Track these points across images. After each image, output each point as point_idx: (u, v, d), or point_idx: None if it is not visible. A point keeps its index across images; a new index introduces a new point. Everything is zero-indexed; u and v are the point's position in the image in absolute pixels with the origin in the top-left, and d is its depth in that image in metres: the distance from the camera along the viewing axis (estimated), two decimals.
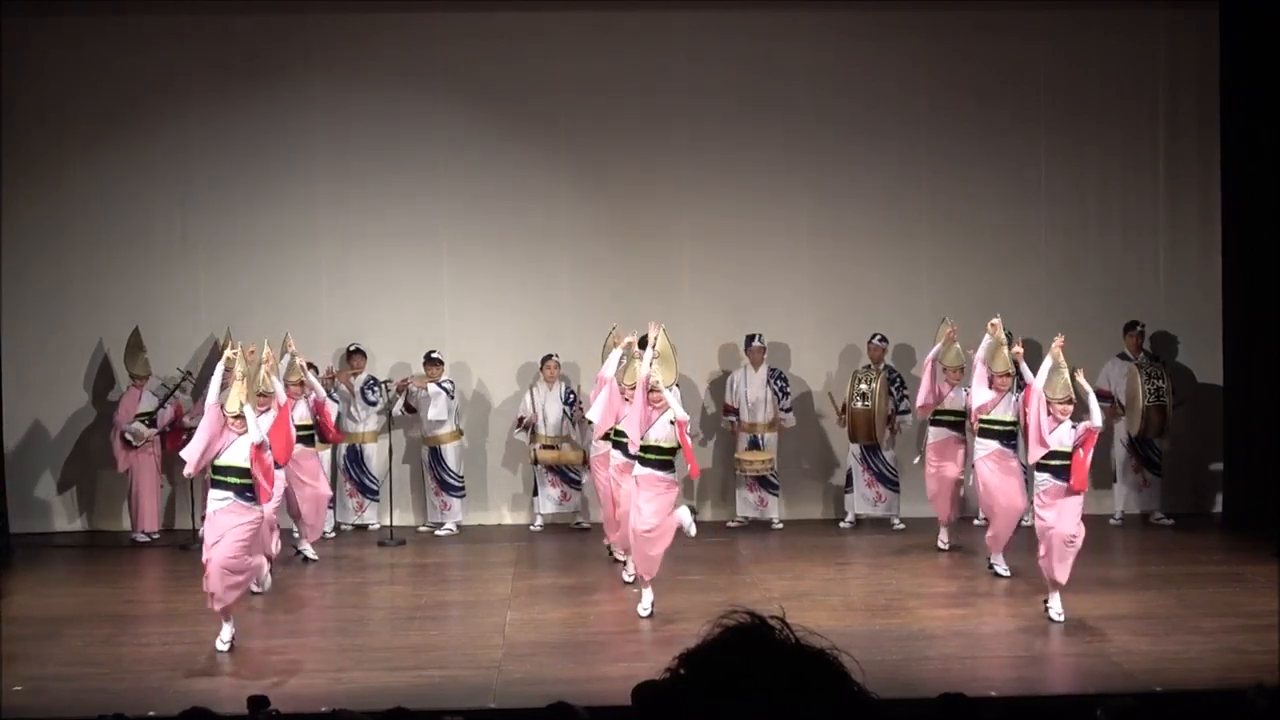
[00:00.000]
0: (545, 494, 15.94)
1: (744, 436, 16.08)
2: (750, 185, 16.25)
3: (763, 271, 16.39)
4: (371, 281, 16.21)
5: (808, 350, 16.54)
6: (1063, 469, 11.62)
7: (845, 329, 16.33)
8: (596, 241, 16.30)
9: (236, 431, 11.08)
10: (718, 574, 13.70)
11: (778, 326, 16.40)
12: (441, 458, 15.90)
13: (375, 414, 15.92)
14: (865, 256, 16.44)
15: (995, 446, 13.08)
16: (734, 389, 16.14)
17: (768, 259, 16.39)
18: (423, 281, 16.24)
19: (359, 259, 16.17)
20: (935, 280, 16.29)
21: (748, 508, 16.09)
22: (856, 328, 16.16)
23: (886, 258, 16.39)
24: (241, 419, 11.05)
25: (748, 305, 16.38)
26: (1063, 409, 11.64)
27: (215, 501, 11.16)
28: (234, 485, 11.10)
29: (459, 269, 16.31)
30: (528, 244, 16.27)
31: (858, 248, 16.43)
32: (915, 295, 16.32)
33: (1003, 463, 13.08)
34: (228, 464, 11.11)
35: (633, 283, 16.19)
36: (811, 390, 16.62)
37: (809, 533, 15.57)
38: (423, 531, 15.95)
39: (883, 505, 15.92)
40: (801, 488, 16.50)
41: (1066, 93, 16.11)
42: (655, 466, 11.84)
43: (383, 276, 16.20)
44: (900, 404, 15.86)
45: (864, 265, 16.46)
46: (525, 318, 16.30)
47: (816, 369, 16.54)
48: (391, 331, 16.18)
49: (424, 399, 15.67)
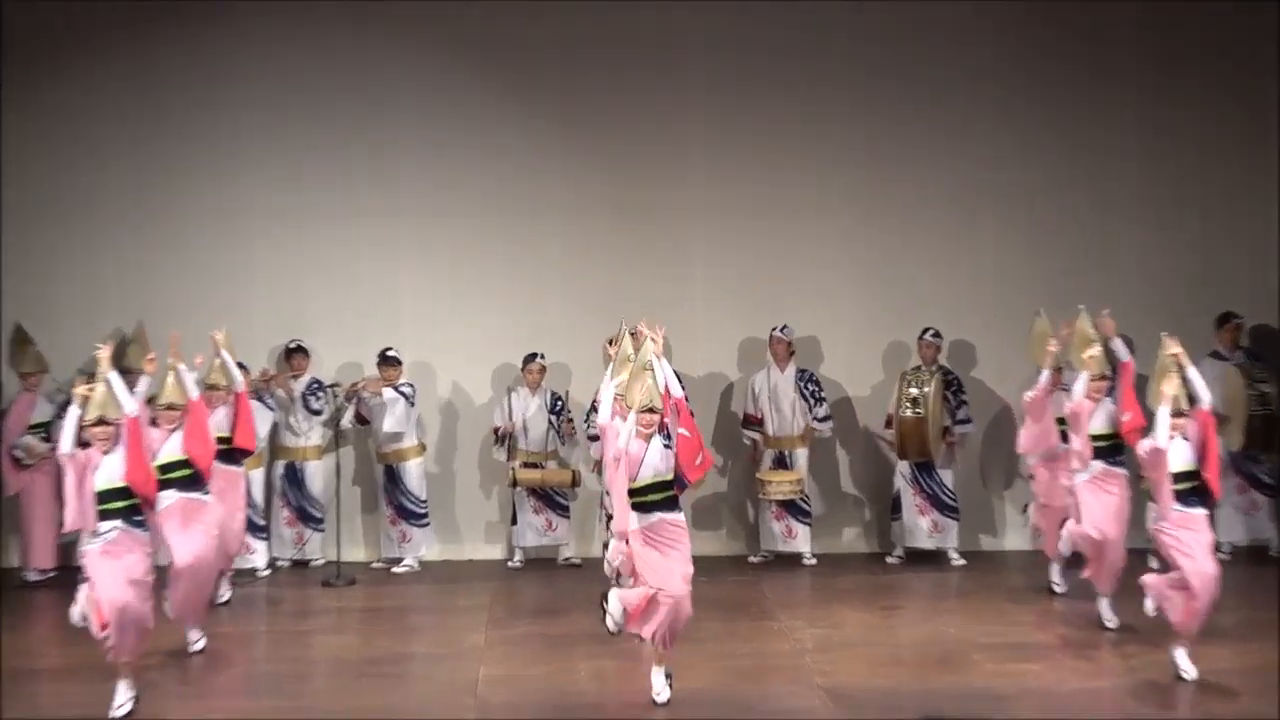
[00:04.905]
0: (526, 523, 15.91)
1: (769, 453, 16.05)
2: (777, 149, 16.26)
3: (791, 252, 16.41)
4: (316, 265, 16.19)
5: (845, 347, 16.49)
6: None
7: (891, 322, 16.35)
8: (592, 218, 16.35)
9: (100, 445, 11.13)
10: (738, 621, 13.67)
11: (809, 318, 16.35)
12: (400, 478, 15.86)
13: (320, 425, 15.96)
14: (917, 236, 16.43)
15: (1098, 467, 13.13)
16: (756, 394, 16.05)
17: (797, 237, 16.42)
18: (378, 265, 16.27)
19: (300, 238, 16.17)
20: (1002, 265, 16.36)
21: (773, 540, 16.02)
22: (905, 321, 16.18)
23: (943, 236, 16.38)
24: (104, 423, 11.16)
25: (772, 293, 16.37)
26: None
27: (96, 539, 11.16)
28: (119, 510, 11.16)
29: (422, 250, 16.32)
30: (508, 221, 16.30)
31: (908, 225, 16.43)
32: (977, 283, 16.36)
33: (1106, 485, 13.13)
34: (105, 488, 11.13)
35: (635, 267, 16.28)
36: (850, 395, 16.55)
37: (848, 570, 15.64)
38: (377, 568, 15.95)
39: (938, 536, 15.84)
40: (839, 515, 16.49)
41: (1159, 57, 16.31)
42: (666, 507, 11.38)
43: (330, 259, 16.20)
44: (958, 411, 15.79)
45: (915, 246, 16.42)
46: (504, 309, 16.33)
47: (856, 370, 16.51)
48: (340, 325, 16.23)
49: (378, 407, 15.64)
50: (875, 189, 16.44)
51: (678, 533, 11.36)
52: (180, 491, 12.43)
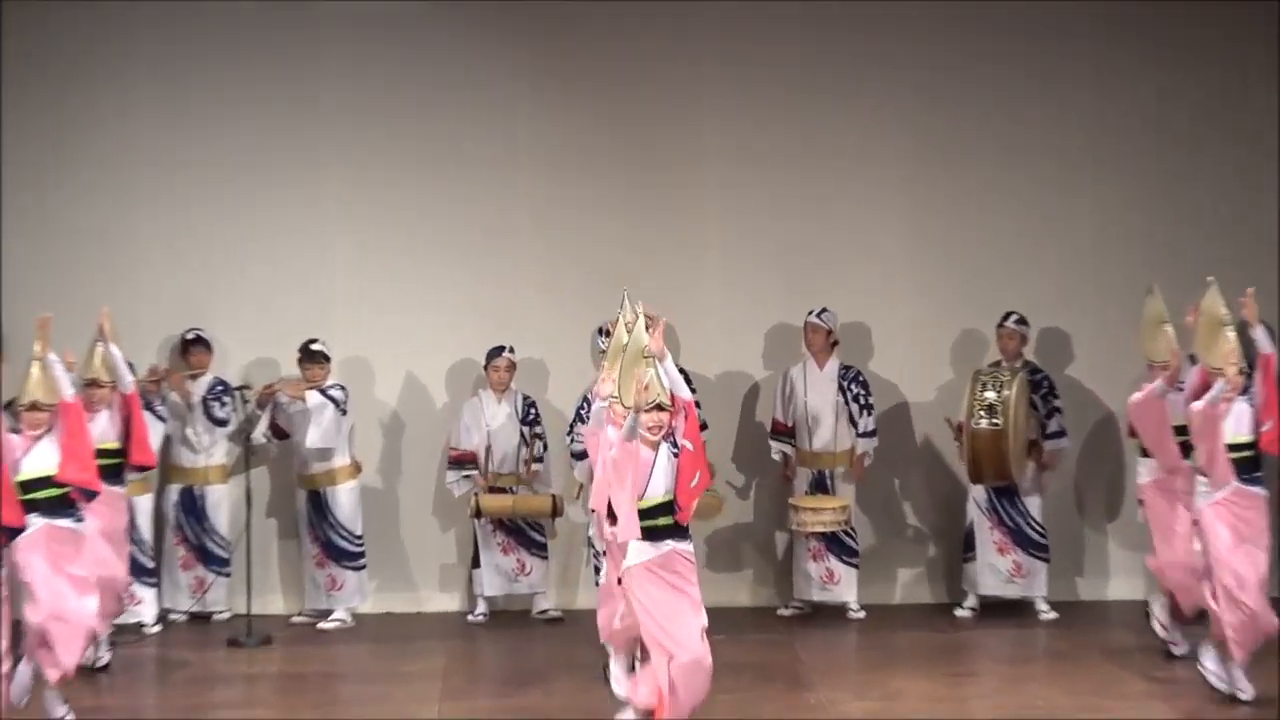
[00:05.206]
0: (492, 565, 14.97)
1: (804, 473, 14.96)
2: (815, 82, 15.54)
3: (832, 216, 15.57)
4: (220, 233, 15.41)
5: (902, 338, 15.61)
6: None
7: (962, 306, 15.48)
8: (576, 173, 15.52)
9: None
10: (765, 690, 12.87)
11: (855, 301, 15.46)
12: (329, 507, 14.92)
13: (225, 439, 15.07)
14: (993, 200, 15.58)
15: (1229, 486, 12.29)
16: (787, 397, 15.01)
17: (840, 197, 15.56)
18: (301, 236, 15.45)
19: (200, 199, 15.33)
20: (1104, 233, 15.60)
21: (811, 585, 15.01)
22: (979, 305, 15.31)
23: (1027, 202, 15.55)
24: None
25: (808, 267, 15.49)
26: None
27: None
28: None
29: (358, 213, 15.46)
30: (469, 176, 15.46)
31: (983, 187, 15.62)
32: (1074, 258, 15.52)
33: (1241, 509, 12.28)
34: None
35: (632, 236, 15.42)
36: (908, 400, 15.56)
37: (907, 624, 14.89)
38: (299, 623, 15.06)
39: (1022, 582, 14.82)
40: (894, 554, 15.57)
41: None
42: (678, 534, 10.58)
43: (238, 225, 15.38)
44: (1049, 421, 14.75)
45: (991, 213, 15.56)
46: (462, 289, 15.49)
47: (916, 367, 15.62)
48: (251, 311, 15.40)
49: (300, 415, 14.77)
50: (940, 136, 15.62)
51: (689, 569, 10.66)
52: (46, 517, 11.58)
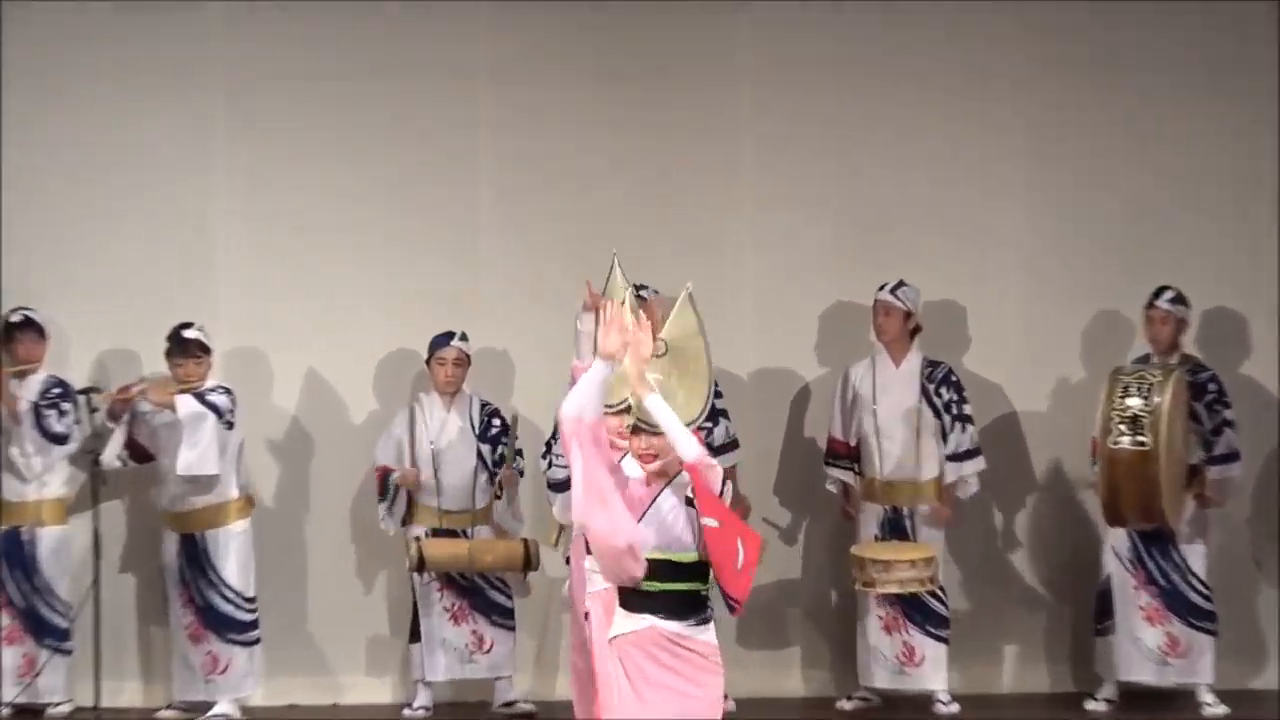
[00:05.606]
0: (438, 639, 13.17)
1: (872, 510, 13.06)
2: None
3: (910, 170, 13.80)
4: (56, 181, 13.75)
5: (1009, 324, 13.70)
6: None
7: (1093, 281, 13.63)
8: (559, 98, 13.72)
9: None
10: None
11: (944, 274, 13.48)
12: (209, 558, 13.20)
13: (63, 460, 13.50)
14: (1133, 140, 13.66)
15: None
16: (849, 404, 13.21)
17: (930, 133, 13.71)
18: (172, 183, 13.60)
19: (26, 129, 13.70)
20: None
21: (883, 668, 13.13)
22: (1117, 280, 13.50)
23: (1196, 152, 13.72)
24: None
25: (877, 229, 13.56)
26: None
27: None
28: None
29: (249, 156, 13.63)
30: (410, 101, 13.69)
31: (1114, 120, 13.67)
32: (1250, 219, 13.55)
33: None
34: None
35: (633, 186, 13.46)
36: (1017, 409, 13.68)
37: None
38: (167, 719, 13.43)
39: (1178, 664, 12.90)
40: (999, 624, 13.79)
41: None
42: (682, 612, 8.43)
43: (81, 167, 13.63)
44: (1216, 440, 12.77)
45: (1136, 164, 13.69)
46: (398, 260, 13.68)
47: (1028, 364, 13.81)
48: (99, 286, 13.78)
49: (167, 428, 13.07)
50: (1055, 58, 13.78)
51: (699, 666, 8.33)
52: None
